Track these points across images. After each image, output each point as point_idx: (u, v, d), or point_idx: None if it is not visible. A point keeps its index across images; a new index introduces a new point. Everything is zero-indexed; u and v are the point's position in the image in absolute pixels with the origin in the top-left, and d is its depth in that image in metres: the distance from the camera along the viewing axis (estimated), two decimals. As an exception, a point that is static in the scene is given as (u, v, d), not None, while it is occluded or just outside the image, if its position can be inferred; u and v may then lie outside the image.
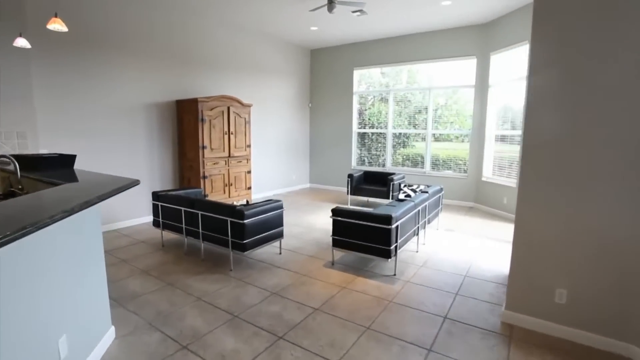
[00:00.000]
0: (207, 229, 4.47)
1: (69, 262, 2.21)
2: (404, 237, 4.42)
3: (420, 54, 8.49)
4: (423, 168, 8.82)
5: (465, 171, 8.33)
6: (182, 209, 4.69)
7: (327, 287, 3.91)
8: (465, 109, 8.36)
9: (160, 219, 5.09)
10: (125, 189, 2.48)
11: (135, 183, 2.70)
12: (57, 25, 3.38)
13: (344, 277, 4.18)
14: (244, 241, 4.11)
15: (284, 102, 9.49)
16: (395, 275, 4.26)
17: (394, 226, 4.00)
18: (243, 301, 3.55)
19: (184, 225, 4.75)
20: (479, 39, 7.74)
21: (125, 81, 5.99)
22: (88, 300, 2.47)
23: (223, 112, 6.87)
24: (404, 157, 9.20)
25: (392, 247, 4.04)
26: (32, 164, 3.33)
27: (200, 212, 4.47)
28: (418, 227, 5.02)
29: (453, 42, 8.04)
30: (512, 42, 6.91)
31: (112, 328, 2.85)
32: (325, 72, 10.12)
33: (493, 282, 4.10)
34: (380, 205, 8.00)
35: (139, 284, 3.91)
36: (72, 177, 2.97)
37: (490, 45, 7.54)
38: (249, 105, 7.46)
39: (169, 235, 5.33)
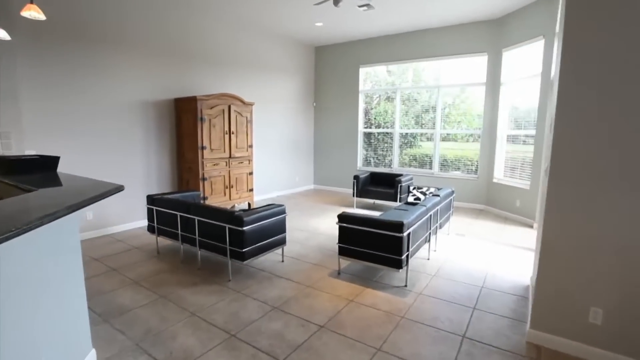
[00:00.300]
0: (204, 235, 4.18)
1: (34, 283, 1.91)
2: (415, 245, 4.11)
3: (429, 50, 8.17)
4: (431, 169, 8.51)
5: (474, 172, 8.01)
6: (178, 213, 4.39)
7: (333, 300, 3.60)
8: (473, 108, 8.07)
9: (155, 224, 4.80)
10: (105, 197, 2.19)
11: (118, 189, 2.41)
12: (33, 12, 3.08)
13: (351, 289, 3.87)
14: (243, 250, 3.80)
15: (288, 101, 9.19)
16: (406, 286, 3.95)
17: (405, 234, 3.68)
18: (241, 317, 3.25)
19: (179, 232, 4.45)
20: (490, 34, 7.42)
21: (120, 78, 5.70)
22: (62, 324, 2.18)
23: (223, 110, 6.58)
24: (411, 157, 8.89)
25: (404, 256, 3.73)
26: (9, 166, 3.04)
27: (196, 218, 4.18)
28: (429, 234, 4.70)
29: (463, 38, 7.72)
30: (526, 38, 6.59)
31: (93, 351, 2.55)
32: (330, 70, 9.81)
33: (512, 295, 3.79)
34: (388, 208, 7.68)
35: (129, 297, 3.61)
36: (51, 182, 2.68)
37: (502, 41, 7.22)
38: (251, 104, 7.16)
39: (165, 241, 5.02)
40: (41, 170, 3.14)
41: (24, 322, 1.82)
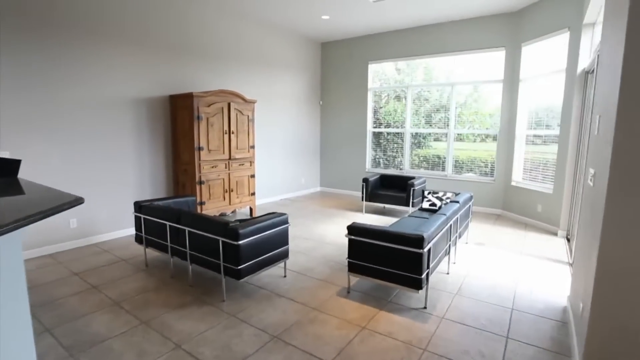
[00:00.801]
0: (196, 249, 3.69)
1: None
2: (436, 261, 3.60)
3: (442, 45, 7.65)
4: (444, 171, 7.99)
5: (487, 174, 7.51)
6: (167, 223, 3.91)
7: (342, 327, 3.10)
8: (485, 106, 7.60)
9: (143, 235, 4.32)
10: (55, 213, 1.71)
11: (77, 202, 1.93)
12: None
13: (363, 312, 3.37)
14: (239, 267, 3.31)
15: (292, 99, 8.70)
16: (425, 308, 3.44)
17: (426, 249, 3.18)
18: (234, 350, 2.75)
19: (169, 243, 3.97)
20: (508, 28, 6.91)
21: (109, 72, 5.23)
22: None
23: (222, 108, 6.10)
24: (421, 158, 8.38)
25: (424, 275, 3.23)
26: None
27: (187, 229, 3.69)
28: (449, 245, 4.20)
29: (479, 32, 7.21)
30: (548, 31, 6.09)
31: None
32: (337, 67, 9.31)
33: (549, 319, 3.27)
34: (399, 213, 7.22)
35: (105, 323, 3.11)
36: (3, 191, 2.20)
37: (522, 35, 6.71)
38: (253, 102, 6.67)
39: (155, 252, 4.50)
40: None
41: None
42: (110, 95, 5.25)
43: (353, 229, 3.55)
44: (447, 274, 4.26)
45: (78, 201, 1.95)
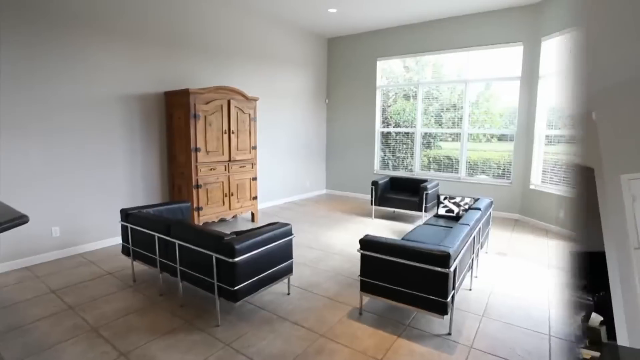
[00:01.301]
0: (187, 264, 3.24)
1: None
2: (460, 278, 3.16)
3: (455, 41, 7.20)
4: (456, 173, 7.54)
5: (501, 176, 7.08)
6: (156, 234, 3.47)
7: (355, 359, 2.65)
8: (495, 106, 7.25)
9: (130, 246, 3.88)
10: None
11: (18, 221, 1.50)
12: None
13: (378, 339, 2.91)
14: (235, 287, 2.87)
15: (297, 97, 8.25)
16: (450, 334, 2.98)
17: (452, 268, 2.73)
18: (227, 392, 2.32)
19: (157, 257, 3.53)
20: (526, 22, 6.48)
21: (98, 66, 4.79)
22: None
23: (222, 106, 5.66)
24: (431, 159, 7.94)
25: (449, 298, 2.77)
26: None
27: (177, 242, 3.25)
28: (472, 259, 3.75)
29: (495, 26, 6.77)
30: (570, 24, 5.61)
31: None
32: (344, 64, 8.86)
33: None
34: (411, 218, 6.65)
35: (77, 355, 2.64)
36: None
37: (541, 29, 6.25)
38: (255, 99, 6.23)
39: (144, 265, 4.02)
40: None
41: None
42: (98, 92, 4.82)
43: (366, 243, 3.10)
44: (470, 290, 3.81)
45: (20, 220, 1.52)
